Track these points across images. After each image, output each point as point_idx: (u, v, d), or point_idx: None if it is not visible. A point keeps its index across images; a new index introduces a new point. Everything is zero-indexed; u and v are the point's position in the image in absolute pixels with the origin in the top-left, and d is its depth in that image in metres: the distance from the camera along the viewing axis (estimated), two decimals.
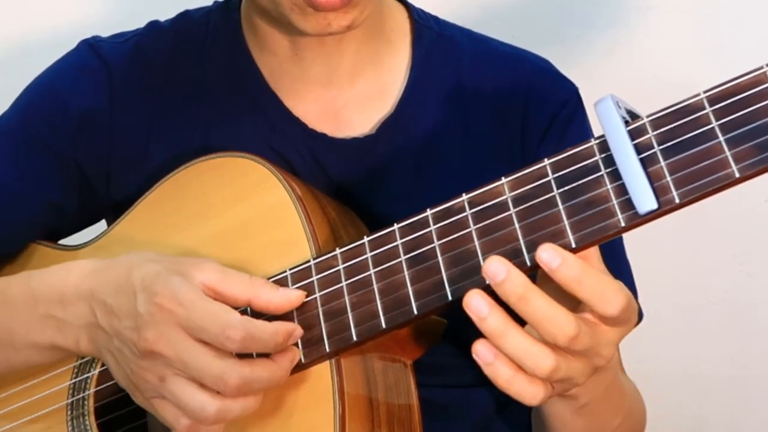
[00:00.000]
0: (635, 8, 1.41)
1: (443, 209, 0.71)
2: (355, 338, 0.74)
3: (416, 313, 0.71)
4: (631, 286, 0.92)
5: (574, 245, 0.66)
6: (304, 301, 0.76)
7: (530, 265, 0.67)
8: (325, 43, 0.91)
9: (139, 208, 0.91)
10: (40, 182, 0.96)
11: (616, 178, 0.65)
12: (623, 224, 0.64)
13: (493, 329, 0.65)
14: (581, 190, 0.66)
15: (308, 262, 0.77)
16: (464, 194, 0.71)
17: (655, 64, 1.41)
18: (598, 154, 0.66)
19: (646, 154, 0.64)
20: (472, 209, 0.70)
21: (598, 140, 0.66)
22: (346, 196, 0.91)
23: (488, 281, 0.65)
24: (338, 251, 0.76)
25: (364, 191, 0.92)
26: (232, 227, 0.83)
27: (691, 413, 1.56)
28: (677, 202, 0.63)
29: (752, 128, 0.61)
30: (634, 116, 0.66)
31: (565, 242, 0.66)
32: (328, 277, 0.76)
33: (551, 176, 0.67)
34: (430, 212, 0.72)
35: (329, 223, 0.82)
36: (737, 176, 0.61)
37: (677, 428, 1.55)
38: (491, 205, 0.69)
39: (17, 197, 0.95)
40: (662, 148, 0.63)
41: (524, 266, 0.66)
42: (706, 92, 0.63)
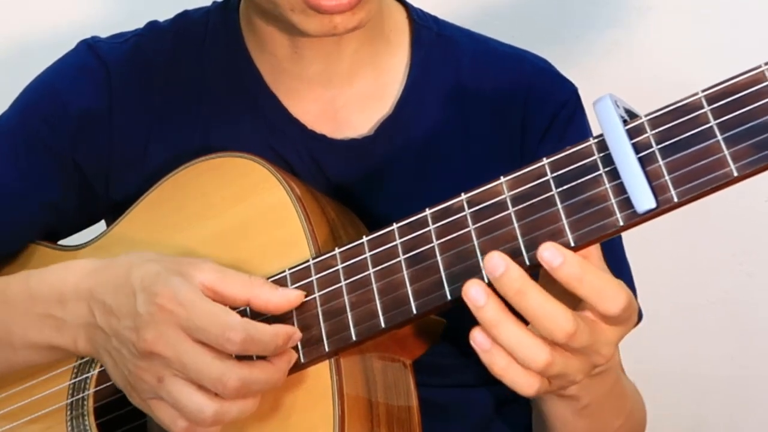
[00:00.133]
0: (635, 8, 1.41)
1: (442, 209, 0.71)
2: (354, 338, 0.74)
3: (415, 312, 0.71)
4: (630, 285, 0.92)
5: (572, 244, 0.66)
6: (303, 300, 0.76)
7: (529, 264, 0.67)
8: (324, 42, 0.91)
9: (138, 208, 0.91)
10: (39, 182, 0.95)
11: (614, 177, 0.65)
12: (622, 223, 0.64)
13: (489, 318, 0.65)
14: (580, 189, 0.66)
15: (307, 261, 0.77)
16: (463, 194, 0.71)
17: (654, 64, 1.41)
18: (596, 153, 0.66)
19: (644, 153, 0.64)
20: (470, 208, 0.70)
21: (596, 139, 0.66)
22: (345, 196, 0.91)
23: (488, 276, 0.65)
24: (337, 251, 0.76)
25: (363, 192, 0.92)
26: (231, 227, 0.83)
27: (690, 413, 1.56)
28: (676, 201, 0.63)
29: (750, 127, 0.61)
30: (632, 115, 0.66)
31: (563, 241, 0.66)
32: (327, 276, 0.76)
33: (550, 175, 0.67)
34: (428, 212, 0.72)
35: (328, 223, 0.82)
36: (735, 175, 0.61)
37: (677, 428, 1.55)
38: (490, 204, 0.69)
39: (17, 197, 0.95)
40: (660, 147, 0.63)
41: (523, 265, 0.66)
42: (704, 91, 0.63)
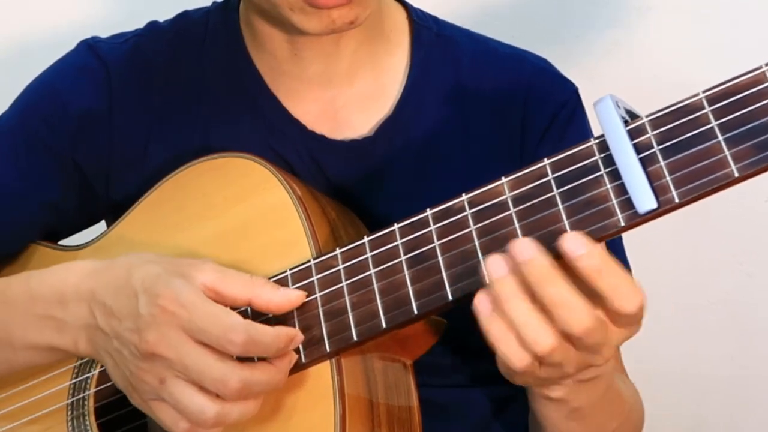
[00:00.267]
0: (635, 8, 1.41)
1: (443, 209, 0.71)
2: (355, 338, 0.74)
3: (416, 312, 0.71)
4: None
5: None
6: (304, 300, 0.76)
7: None
8: (323, 42, 0.91)
9: (139, 208, 0.91)
10: (39, 182, 0.95)
11: (615, 177, 0.65)
12: (623, 224, 0.65)
13: (504, 292, 0.64)
14: (581, 189, 0.66)
15: (308, 262, 0.77)
16: (464, 194, 0.71)
17: (655, 64, 1.41)
18: (597, 153, 0.66)
19: (645, 153, 0.64)
20: (472, 209, 0.70)
21: (597, 140, 0.66)
22: (345, 196, 0.91)
23: (516, 259, 0.64)
24: (338, 251, 0.76)
25: (363, 192, 0.92)
26: (232, 227, 0.83)
27: (690, 413, 1.56)
28: (677, 201, 0.63)
29: (751, 128, 0.61)
30: (633, 116, 0.66)
31: None
32: (328, 277, 0.76)
33: (551, 176, 0.67)
34: (430, 212, 0.72)
35: (329, 223, 0.82)
36: (736, 176, 0.61)
37: (677, 428, 1.55)
38: (491, 204, 0.69)
39: (17, 197, 0.95)
40: (662, 147, 0.64)
41: None
42: (705, 92, 0.63)
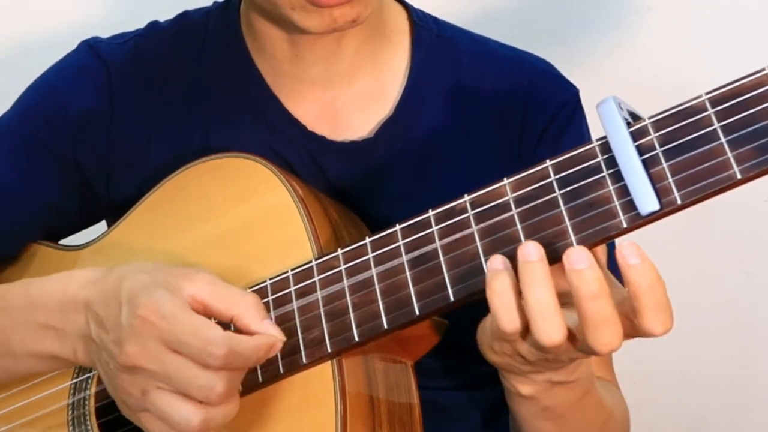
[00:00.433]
0: (636, 9, 1.41)
1: (445, 210, 0.71)
2: (356, 339, 0.74)
3: (418, 313, 0.71)
4: None
5: (575, 246, 0.66)
6: (281, 342, 0.73)
7: None
8: (324, 43, 0.91)
9: (140, 208, 0.91)
10: (39, 183, 0.95)
11: (618, 179, 0.65)
12: (625, 225, 0.64)
13: (533, 275, 0.64)
14: (583, 191, 0.66)
15: (310, 262, 0.77)
16: (466, 195, 0.71)
17: (655, 64, 1.41)
18: (600, 155, 0.66)
19: (648, 155, 0.64)
20: (474, 210, 0.70)
21: (600, 141, 0.66)
22: (345, 197, 0.91)
23: (567, 267, 0.63)
24: (340, 252, 0.76)
25: (363, 193, 0.92)
26: (233, 228, 0.83)
27: (690, 413, 1.56)
28: (679, 203, 0.63)
29: (754, 130, 0.61)
30: (636, 118, 0.66)
31: (566, 243, 0.66)
32: (329, 277, 0.76)
33: (553, 177, 0.67)
34: (432, 213, 0.72)
35: (331, 223, 0.82)
36: (739, 178, 0.61)
37: (676, 428, 1.55)
38: (493, 206, 0.69)
39: (17, 197, 0.95)
40: (664, 149, 0.63)
41: None
42: (708, 94, 0.63)
